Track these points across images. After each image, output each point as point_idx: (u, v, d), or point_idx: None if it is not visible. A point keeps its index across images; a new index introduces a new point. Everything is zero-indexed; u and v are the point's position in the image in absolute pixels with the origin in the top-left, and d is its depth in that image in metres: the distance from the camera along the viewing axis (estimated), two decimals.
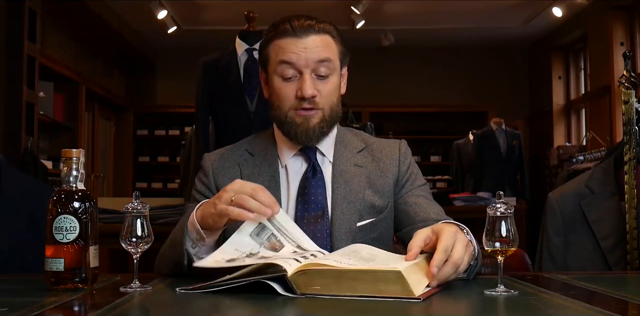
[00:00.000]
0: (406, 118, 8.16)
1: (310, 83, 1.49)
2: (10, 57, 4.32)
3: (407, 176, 1.62)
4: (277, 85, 1.52)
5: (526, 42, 8.05)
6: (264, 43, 1.57)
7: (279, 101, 1.53)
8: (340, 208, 1.53)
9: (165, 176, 8.01)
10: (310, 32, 1.51)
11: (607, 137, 5.89)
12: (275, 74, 1.52)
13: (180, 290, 1.18)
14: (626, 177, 1.77)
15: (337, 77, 1.55)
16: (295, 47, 1.49)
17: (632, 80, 1.80)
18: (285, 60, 1.49)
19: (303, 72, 1.49)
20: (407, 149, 1.66)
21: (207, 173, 1.61)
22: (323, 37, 1.52)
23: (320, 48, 1.50)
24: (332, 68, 1.52)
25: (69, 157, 1.21)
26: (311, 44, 1.50)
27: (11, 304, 1.04)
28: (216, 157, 1.63)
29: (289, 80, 1.51)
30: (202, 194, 1.59)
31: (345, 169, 1.58)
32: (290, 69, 1.50)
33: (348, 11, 6.38)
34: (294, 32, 1.50)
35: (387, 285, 1.09)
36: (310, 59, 1.49)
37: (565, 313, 1.00)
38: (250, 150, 1.62)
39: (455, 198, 5.82)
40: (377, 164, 1.61)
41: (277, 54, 1.51)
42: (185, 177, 5.15)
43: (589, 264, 1.85)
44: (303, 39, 1.50)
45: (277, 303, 1.08)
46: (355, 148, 1.63)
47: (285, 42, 1.50)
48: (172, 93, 8.23)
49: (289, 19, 1.54)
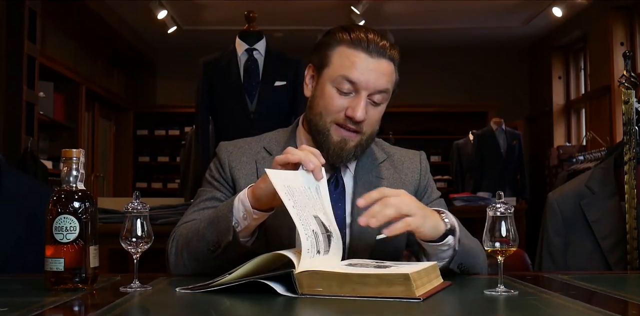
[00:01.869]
0: (406, 118, 8.15)
1: (363, 107, 1.45)
2: (10, 57, 4.32)
3: (425, 189, 1.62)
4: (329, 93, 1.47)
5: (526, 42, 8.05)
6: (329, 42, 1.50)
7: (324, 109, 1.48)
8: None
9: (165, 176, 8.01)
10: (383, 55, 1.46)
11: (607, 137, 5.89)
12: (332, 83, 1.47)
13: (180, 289, 1.18)
14: (626, 177, 1.77)
15: (386, 105, 1.53)
16: (366, 66, 1.45)
17: (632, 80, 1.80)
18: (350, 79, 1.45)
19: (361, 93, 1.45)
20: (427, 163, 1.66)
21: (223, 164, 1.56)
22: (390, 64, 1.48)
23: (385, 77, 1.47)
24: (385, 98, 1.50)
25: (69, 157, 1.21)
26: (379, 69, 1.46)
27: (11, 304, 1.04)
28: (233, 149, 1.58)
29: (343, 94, 1.46)
30: (219, 182, 1.55)
31: (368, 181, 1.56)
32: (349, 85, 1.45)
33: (348, 11, 6.38)
34: (368, 48, 1.45)
35: (391, 287, 1.09)
36: (373, 85, 1.45)
37: (565, 313, 1.00)
38: (269, 148, 1.57)
39: (455, 198, 5.83)
40: (399, 176, 1.60)
41: (342, 64, 1.46)
42: (185, 177, 5.15)
43: (589, 264, 1.85)
44: (375, 60, 1.45)
45: (277, 303, 1.08)
46: (376, 159, 1.61)
47: (356, 56, 1.45)
48: (172, 93, 8.24)
49: (365, 30, 1.48)
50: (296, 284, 1.12)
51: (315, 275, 1.12)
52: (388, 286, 1.09)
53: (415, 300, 1.07)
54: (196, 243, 1.39)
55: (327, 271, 1.13)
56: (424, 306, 1.05)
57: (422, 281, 1.14)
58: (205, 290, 1.16)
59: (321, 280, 1.12)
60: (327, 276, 1.12)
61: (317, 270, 1.13)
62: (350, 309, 1.04)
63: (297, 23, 6.86)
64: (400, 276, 1.09)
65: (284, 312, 1.04)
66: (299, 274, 1.12)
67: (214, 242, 1.35)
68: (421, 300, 1.07)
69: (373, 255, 1.48)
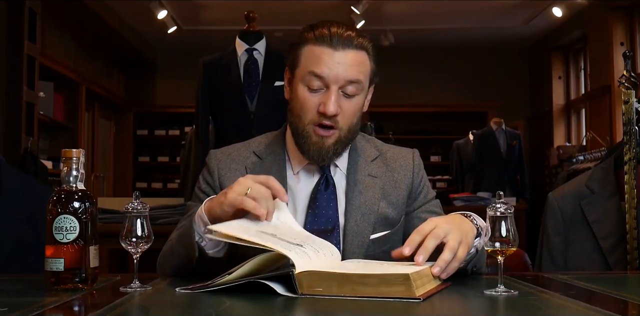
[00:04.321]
0: (406, 118, 8.16)
1: (334, 101, 1.43)
2: (10, 57, 4.31)
3: (420, 188, 1.60)
4: (302, 94, 1.46)
5: (526, 42, 8.05)
6: (297, 43, 1.49)
7: (299, 111, 1.47)
8: (354, 220, 1.49)
9: (165, 176, 8.01)
10: (348, 46, 1.44)
11: (607, 137, 5.89)
12: (302, 82, 1.46)
13: (180, 289, 1.18)
14: (626, 177, 1.77)
15: (363, 97, 1.50)
16: (330, 59, 1.43)
17: (632, 80, 1.80)
18: (316, 73, 1.43)
19: (330, 87, 1.43)
20: (420, 160, 1.63)
21: (212, 173, 1.55)
22: (359, 53, 1.46)
23: (354, 67, 1.45)
24: (359, 89, 1.47)
25: (69, 157, 1.21)
26: (346, 60, 1.44)
27: (11, 304, 1.04)
28: (222, 156, 1.57)
29: (314, 91, 1.45)
30: (206, 194, 1.53)
31: (360, 179, 1.54)
32: (318, 81, 1.44)
33: (348, 11, 6.38)
34: (331, 41, 1.44)
35: (391, 287, 1.09)
36: (341, 77, 1.43)
37: (565, 313, 1.00)
38: (258, 152, 1.57)
39: (455, 198, 5.83)
40: (392, 174, 1.57)
41: (308, 61, 1.45)
42: (185, 177, 5.15)
43: (589, 264, 1.85)
44: (339, 52, 1.43)
45: (277, 303, 1.08)
46: (369, 156, 1.58)
47: (320, 51, 1.44)
48: (172, 93, 8.24)
49: (329, 25, 1.47)
50: (296, 284, 1.12)
51: (315, 275, 1.12)
52: (388, 286, 1.09)
53: (415, 300, 1.07)
54: (172, 259, 1.41)
55: (327, 271, 1.13)
56: (424, 306, 1.05)
57: (422, 281, 1.14)
58: (205, 290, 1.16)
59: (321, 280, 1.12)
60: (327, 277, 1.12)
61: (317, 270, 1.13)
62: (350, 309, 1.04)
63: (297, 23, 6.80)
64: (400, 277, 1.09)
65: (284, 312, 1.04)
66: (299, 274, 1.12)
67: (185, 257, 1.35)
68: (421, 300, 1.07)
69: (368, 255, 1.48)
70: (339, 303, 1.07)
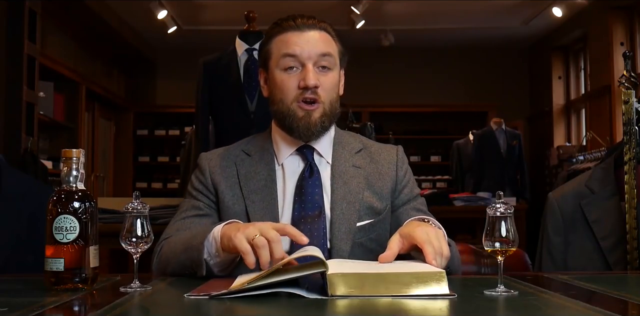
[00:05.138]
0: (406, 118, 8.16)
1: (313, 73, 1.51)
2: (10, 57, 4.31)
3: (404, 182, 1.63)
4: (280, 78, 1.54)
5: (526, 42, 8.05)
6: (266, 40, 1.59)
7: (281, 94, 1.55)
8: (340, 208, 1.54)
9: (165, 176, 8.01)
10: (313, 28, 1.55)
11: (607, 137, 5.89)
12: (278, 68, 1.55)
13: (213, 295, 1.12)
14: (626, 177, 1.77)
15: (337, 73, 1.58)
16: (299, 39, 1.53)
17: (632, 80, 1.80)
18: (289, 53, 1.52)
19: (306, 63, 1.52)
20: (403, 155, 1.68)
21: (204, 172, 1.61)
22: (323, 34, 1.57)
23: (322, 42, 1.54)
24: (333, 63, 1.55)
25: (69, 157, 1.21)
26: (313, 38, 1.54)
27: (11, 304, 1.04)
28: (213, 156, 1.64)
29: (291, 71, 1.53)
30: (199, 191, 1.60)
31: (344, 170, 1.59)
32: (293, 61, 1.52)
33: (348, 11, 6.38)
34: (297, 26, 1.55)
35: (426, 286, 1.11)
36: (313, 52, 1.52)
37: (565, 313, 1.00)
38: (246, 150, 1.63)
39: (455, 198, 5.82)
40: (376, 166, 1.62)
41: (279, 48, 1.55)
42: (185, 177, 5.15)
43: (589, 264, 1.85)
44: (306, 32, 1.54)
45: (278, 303, 1.08)
46: (353, 149, 1.64)
47: (288, 36, 1.54)
48: (172, 93, 8.23)
49: (292, 17, 1.58)
50: (327, 285, 1.11)
51: (349, 276, 1.12)
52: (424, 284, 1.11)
53: (450, 296, 1.10)
54: (175, 265, 1.43)
55: (361, 272, 1.13)
56: (424, 306, 1.05)
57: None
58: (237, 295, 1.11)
59: (355, 280, 1.11)
60: (361, 278, 1.12)
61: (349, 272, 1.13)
62: (354, 310, 1.04)
63: None
64: (435, 274, 1.12)
65: (284, 312, 1.04)
66: (331, 275, 1.11)
67: (191, 267, 1.38)
68: (455, 296, 1.10)
69: (356, 241, 1.52)
70: (342, 303, 1.07)
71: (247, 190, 1.56)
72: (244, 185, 1.56)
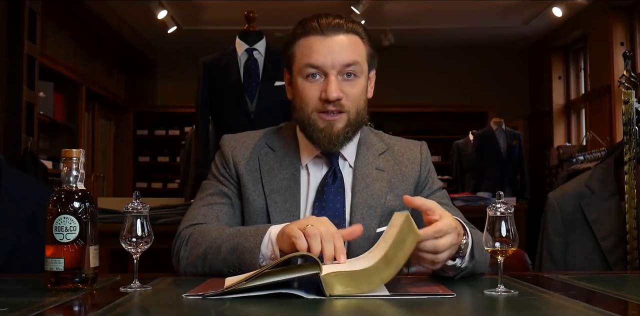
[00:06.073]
0: (406, 118, 8.16)
1: (335, 85, 1.44)
2: (10, 57, 4.31)
3: (425, 181, 1.61)
4: (301, 86, 1.47)
5: (526, 42, 8.05)
6: (290, 41, 1.51)
7: (301, 102, 1.48)
8: (361, 213, 1.50)
9: (165, 176, 8.01)
10: (339, 31, 1.46)
11: (607, 137, 5.89)
12: (300, 75, 1.47)
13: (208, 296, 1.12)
14: (626, 177, 1.77)
15: (365, 79, 1.50)
16: (322, 47, 1.44)
17: (632, 80, 1.80)
18: (311, 63, 1.45)
19: (329, 74, 1.44)
20: (428, 153, 1.64)
21: (227, 160, 1.56)
22: (351, 37, 1.48)
23: (348, 50, 1.46)
24: (359, 70, 1.48)
25: (69, 157, 1.21)
26: (339, 45, 1.45)
27: (11, 304, 1.04)
28: (237, 144, 1.59)
29: (313, 79, 1.46)
30: (225, 178, 1.55)
31: (367, 173, 1.54)
32: (315, 71, 1.45)
33: (348, 11, 6.37)
34: (322, 30, 1.45)
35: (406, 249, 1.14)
36: (337, 61, 1.44)
37: (565, 313, 1.00)
38: (270, 144, 1.58)
39: (455, 198, 5.82)
40: (399, 168, 1.58)
41: (302, 54, 1.47)
42: (185, 177, 5.16)
43: (589, 264, 1.85)
44: (330, 38, 1.45)
45: (277, 303, 1.08)
46: (377, 150, 1.59)
47: (312, 41, 1.46)
48: (172, 93, 8.24)
49: (317, 17, 1.49)
50: (323, 286, 1.10)
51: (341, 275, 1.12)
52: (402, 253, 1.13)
53: (449, 295, 1.11)
54: (214, 261, 1.38)
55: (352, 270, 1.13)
56: (424, 306, 1.05)
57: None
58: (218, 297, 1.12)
59: (349, 279, 1.12)
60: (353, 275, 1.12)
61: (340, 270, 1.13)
62: (353, 310, 1.04)
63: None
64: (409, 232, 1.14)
65: (283, 312, 1.04)
66: (325, 276, 1.11)
67: (236, 267, 1.34)
68: (454, 296, 1.10)
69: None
70: (335, 303, 1.07)
71: (269, 188, 1.51)
72: (266, 183, 1.52)
